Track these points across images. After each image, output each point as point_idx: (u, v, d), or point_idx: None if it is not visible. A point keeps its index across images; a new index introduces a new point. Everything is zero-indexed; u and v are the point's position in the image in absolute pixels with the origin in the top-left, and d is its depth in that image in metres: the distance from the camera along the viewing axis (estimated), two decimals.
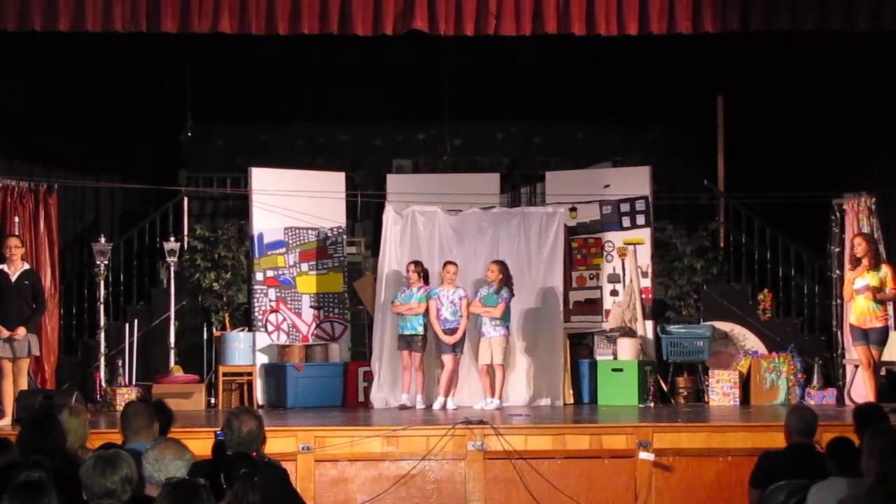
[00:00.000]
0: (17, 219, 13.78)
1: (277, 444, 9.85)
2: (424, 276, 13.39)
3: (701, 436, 10.72)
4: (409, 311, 13.26)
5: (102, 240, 14.02)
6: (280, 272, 14.36)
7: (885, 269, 12.56)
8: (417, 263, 13.43)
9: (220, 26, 12.26)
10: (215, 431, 6.71)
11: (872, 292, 12.42)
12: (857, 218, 13.98)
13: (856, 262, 12.71)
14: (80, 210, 15.59)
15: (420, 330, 13.26)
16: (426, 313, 13.21)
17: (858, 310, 12.57)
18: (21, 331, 11.73)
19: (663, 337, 14.16)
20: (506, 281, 13.14)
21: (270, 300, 14.27)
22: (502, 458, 10.41)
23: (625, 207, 14.62)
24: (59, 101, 14.67)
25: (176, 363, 14.03)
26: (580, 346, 14.55)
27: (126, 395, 12.98)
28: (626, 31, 12.44)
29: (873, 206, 13.94)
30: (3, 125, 14.26)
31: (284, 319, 14.29)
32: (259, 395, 13.88)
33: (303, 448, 10.30)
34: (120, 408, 12.55)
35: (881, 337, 12.54)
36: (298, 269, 14.46)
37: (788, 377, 13.72)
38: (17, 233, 13.14)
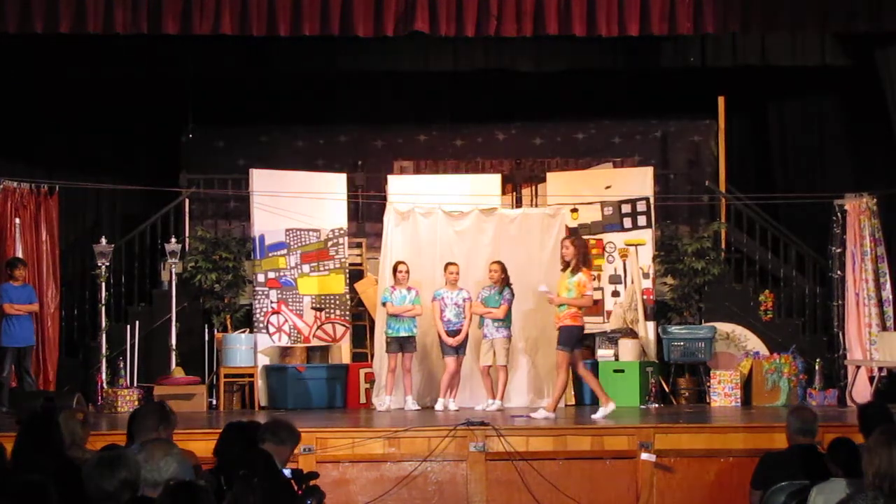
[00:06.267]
0: (17, 220, 13.78)
1: None
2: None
3: (702, 437, 10.72)
4: (407, 312, 13.26)
5: (103, 241, 14.01)
6: (281, 273, 14.35)
7: (579, 275, 12.05)
8: (404, 263, 13.46)
9: (220, 28, 12.26)
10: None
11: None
12: (858, 219, 13.96)
13: (564, 265, 12.29)
14: (82, 212, 15.61)
15: (415, 331, 13.30)
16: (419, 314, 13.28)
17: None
18: None
19: (665, 338, 14.14)
20: (506, 281, 13.15)
21: (272, 302, 14.27)
22: (504, 460, 10.41)
23: (626, 208, 14.61)
24: (60, 103, 14.67)
25: (177, 365, 14.02)
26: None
27: (127, 396, 13.00)
28: (626, 31, 12.44)
29: (875, 207, 13.92)
30: (5, 127, 14.28)
31: (286, 321, 14.28)
32: (260, 397, 13.88)
33: (304, 449, 10.26)
34: (121, 409, 12.64)
35: (562, 336, 12.05)
36: (300, 271, 14.45)
37: (790, 378, 13.71)
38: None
